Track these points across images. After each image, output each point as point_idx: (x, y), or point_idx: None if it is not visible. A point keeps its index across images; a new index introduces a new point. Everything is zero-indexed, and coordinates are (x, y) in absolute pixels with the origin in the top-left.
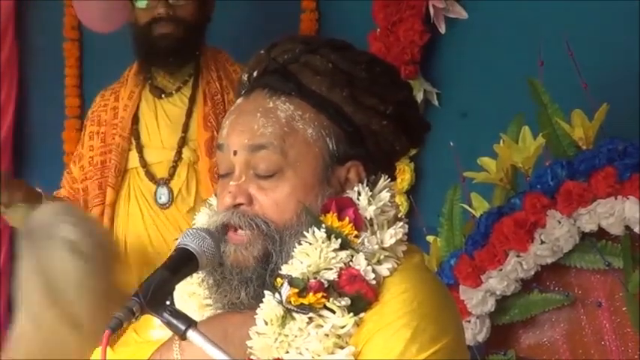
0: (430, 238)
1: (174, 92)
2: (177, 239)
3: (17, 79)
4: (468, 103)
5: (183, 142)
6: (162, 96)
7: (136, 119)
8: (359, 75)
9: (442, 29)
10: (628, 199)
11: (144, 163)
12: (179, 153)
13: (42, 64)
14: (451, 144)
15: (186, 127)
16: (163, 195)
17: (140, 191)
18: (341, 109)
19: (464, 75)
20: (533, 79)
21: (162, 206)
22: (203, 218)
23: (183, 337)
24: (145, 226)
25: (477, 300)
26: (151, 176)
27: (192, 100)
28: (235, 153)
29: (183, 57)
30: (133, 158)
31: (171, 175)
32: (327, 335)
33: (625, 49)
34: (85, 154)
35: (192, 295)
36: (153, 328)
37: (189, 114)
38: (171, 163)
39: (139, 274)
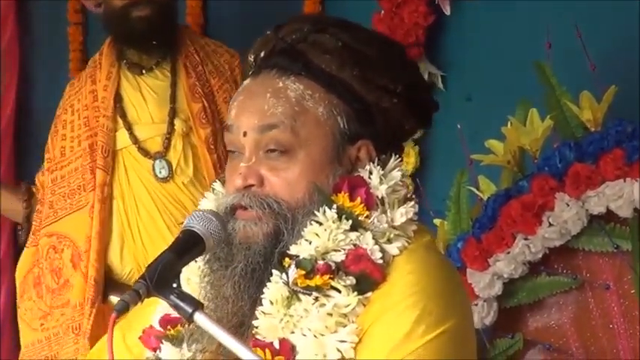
0: (437, 222)
1: (154, 67)
2: (179, 224)
3: (19, 64)
4: (473, 85)
5: (173, 113)
6: (143, 72)
7: (118, 98)
8: (369, 53)
9: (447, 11)
10: (637, 181)
11: (135, 140)
12: (171, 125)
13: (45, 48)
14: (458, 126)
15: (173, 99)
16: (163, 169)
17: (138, 169)
18: (351, 87)
19: (469, 57)
20: (541, 61)
21: (163, 180)
22: (208, 204)
23: (190, 319)
24: (154, 202)
25: (485, 283)
26: (145, 152)
27: (174, 73)
28: (245, 134)
29: (162, 37)
30: (122, 138)
31: (167, 148)
32: (330, 314)
33: (633, 31)
34: (57, 144)
35: (187, 281)
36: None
37: (174, 85)
38: (164, 136)
39: (157, 253)
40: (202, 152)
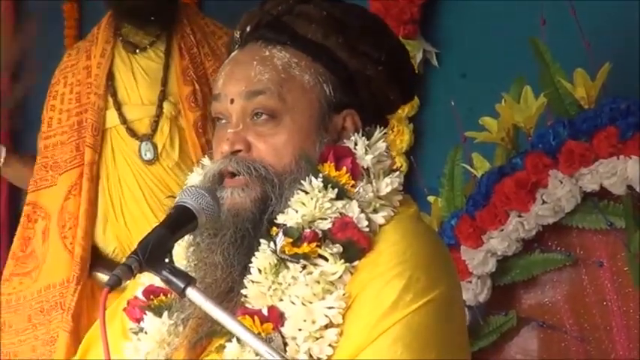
0: (431, 199)
1: (148, 47)
2: (168, 197)
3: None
4: (468, 63)
5: (163, 96)
6: (137, 51)
7: (110, 76)
8: (352, 22)
9: None
10: (630, 158)
11: (124, 120)
12: (160, 108)
13: (41, 25)
14: (452, 104)
15: (165, 81)
16: (148, 151)
17: (124, 150)
18: (336, 55)
19: (464, 34)
20: (535, 38)
21: (148, 162)
22: (195, 177)
23: (182, 294)
24: (138, 184)
25: (478, 260)
26: (132, 133)
27: (168, 54)
28: (232, 101)
29: (162, 12)
30: (111, 117)
31: (154, 131)
32: (317, 282)
33: (627, 8)
34: (46, 115)
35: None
36: None
37: (166, 68)
38: (152, 118)
39: (139, 234)
40: (190, 136)
